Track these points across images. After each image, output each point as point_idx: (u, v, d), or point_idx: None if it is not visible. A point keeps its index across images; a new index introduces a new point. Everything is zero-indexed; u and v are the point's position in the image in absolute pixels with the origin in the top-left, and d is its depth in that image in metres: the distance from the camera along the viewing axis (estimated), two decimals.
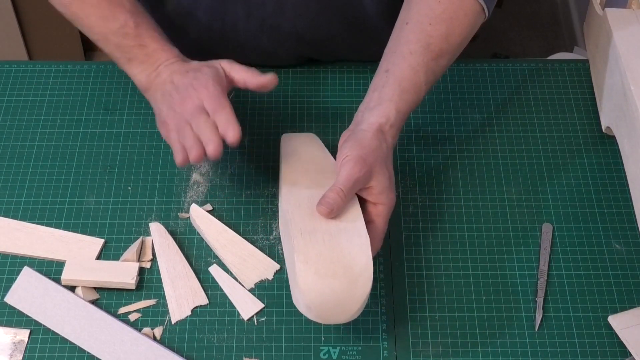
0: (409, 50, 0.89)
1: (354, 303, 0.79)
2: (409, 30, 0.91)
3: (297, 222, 0.82)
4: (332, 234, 0.81)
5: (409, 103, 0.89)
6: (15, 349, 0.86)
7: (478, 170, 1.01)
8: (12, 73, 1.10)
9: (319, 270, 0.78)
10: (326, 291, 0.78)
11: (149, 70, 0.92)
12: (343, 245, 0.80)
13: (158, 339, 0.87)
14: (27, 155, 1.02)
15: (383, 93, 0.88)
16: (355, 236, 0.81)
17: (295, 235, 0.81)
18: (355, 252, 0.80)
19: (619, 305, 0.89)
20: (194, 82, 0.88)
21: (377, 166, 0.84)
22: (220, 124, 0.84)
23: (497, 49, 2.30)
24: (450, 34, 0.91)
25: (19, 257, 0.93)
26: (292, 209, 0.83)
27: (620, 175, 1.00)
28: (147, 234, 0.95)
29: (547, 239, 0.94)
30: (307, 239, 0.80)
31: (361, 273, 0.79)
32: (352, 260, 0.79)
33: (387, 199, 0.84)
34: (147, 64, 0.92)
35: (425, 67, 0.89)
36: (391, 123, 0.87)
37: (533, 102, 1.07)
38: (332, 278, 0.78)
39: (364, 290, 0.79)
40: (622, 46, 0.99)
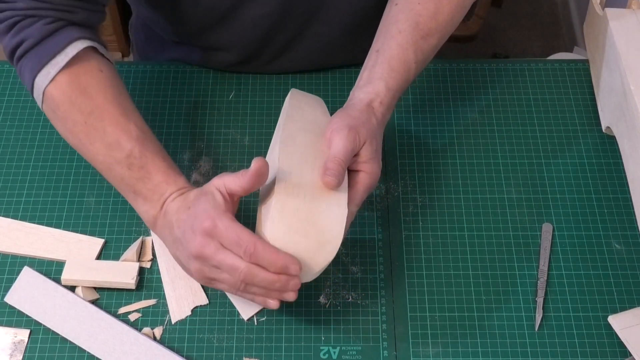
0: (398, 30, 0.90)
1: (312, 267, 0.79)
2: (398, 10, 0.92)
3: (285, 172, 0.81)
4: (315, 195, 0.81)
5: (398, 81, 0.89)
6: (15, 349, 0.86)
7: (478, 170, 1.01)
8: (12, 73, 1.10)
9: (292, 224, 0.78)
10: (290, 247, 0.78)
11: (155, 208, 0.85)
12: (321, 209, 0.80)
13: (158, 339, 0.87)
14: (27, 155, 1.02)
15: (373, 72, 0.89)
16: (335, 205, 0.81)
17: (279, 182, 0.80)
18: (330, 220, 0.80)
19: (619, 305, 0.89)
20: (197, 224, 0.79)
21: (366, 136, 0.84)
22: (271, 263, 0.76)
23: (497, 49, 2.30)
24: (439, 13, 0.92)
25: (19, 257, 0.93)
26: (284, 158, 0.83)
27: (620, 175, 1.00)
28: (147, 234, 0.95)
29: (547, 239, 0.94)
30: (290, 191, 0.80)
31: (330, 241, 0.79)
32: (325, 226, 0.79)
33: (370, 167, 0.84)
34: (152, 201, 0.85)
35: (414, 46, 0.90)
36: (380, 99, 0.88)
37: (533, 102, 1.07)
38: (302, 237, 0.78)
39: (326, 258, 0.79)
40: (622, 46, 0.99)
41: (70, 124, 0.87)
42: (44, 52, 0.86)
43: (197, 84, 1.09)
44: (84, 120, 0.86)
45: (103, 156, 0.86)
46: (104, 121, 0.86)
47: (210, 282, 0.81)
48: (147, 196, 0.85)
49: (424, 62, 0.93)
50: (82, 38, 0.87)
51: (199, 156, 1.02)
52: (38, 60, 0.86)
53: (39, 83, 0.86)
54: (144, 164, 0.85)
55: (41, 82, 0.86)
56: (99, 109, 0.86)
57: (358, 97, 0.88)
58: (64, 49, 0.86)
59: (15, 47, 0.87)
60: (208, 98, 1.07)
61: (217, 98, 1.07)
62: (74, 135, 0.87)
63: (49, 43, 0.86)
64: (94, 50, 0.89)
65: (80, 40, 0.87)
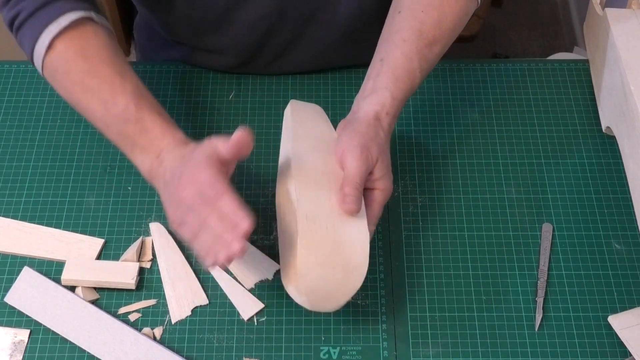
0: (402, 38, 0.90)
1: (343, 295, 0.80)
2: (401, 18, 0.91)
3: (303, 205, 0.81)
4: (335, 223, 0.81)
5: (403, 90, 0.89)
6: (15, 349, 0.86)
7: (478, 170, 1.01)
8: (12, 73, 1.10)
9: (319, 258, 0.79)
10: (321, 280, 0.79)
11: (151, 158, 0.87)
12: (344, 237, 0.80)
13: (158, 339, 0.87)
14: (27, 155, 1.02)
15: (378, 81, 0.88)
16: (356, 231, 0.81)
17: (300, 218, 0.80)
18: (354, 247, 0.80)
19: (619, 305, 0.89)
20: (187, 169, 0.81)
21: (378, 153, 0.84)
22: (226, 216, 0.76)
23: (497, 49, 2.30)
24: (443, 20, 0.91)
25: (19, 257, 0.93)
26: (300, 189, 0.82)
27: (620, 175, 1.00)
28: (147, 234, 0.95)
29: (547, 239, 0.94)
30: (312, 224, 0.80)
31: (356, 268, 0.80)
32: (350, 254, 0.80)
33: (384, 184, 0.85)
34: (149, 152, 0.87)
35: (418, 55, 0.90)
36: (387, 110, 0.87)
37: (533, 102, 1.07)
38: (330, 268, 0.79)
39: (355, 285, 0.80)
40: (622, 46, 0.99)
41: (68, 84, 0.90)
42: (38, 22, 0.89)
43: (198, 84, 1.09)
44: (80, 80, 0.89)
45: (100, 113, 0.88)
46: (99, 79, 0.88)
47: (179, 226, 0.81)
48: (145, 147, 0.87)
49: (428, 70, 0.92)
50: (74, 9, 0.89)
51: None
52: (33, 31, 0.89)
53: (38, 51, 0.89)
54: (140, 118, 0.87)
55: (39, 51, 0.89)
56: (95, 69, 0.88)
57: (363, 108, 0.87)
58: (57, 19, 0.88)
59: (13, 19, 0.91)
60: (208, 98, 1.07)
61: (217, 98, 1.07)
62: (72, 95, 0.90)
63: (42, 13, 0.89)
64: (89, 19, 0.91)
65: (73, 11, 0.89)
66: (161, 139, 0.87)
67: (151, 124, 0.87)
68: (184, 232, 0.81)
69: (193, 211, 0.78)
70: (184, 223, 0.80)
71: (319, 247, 0.79)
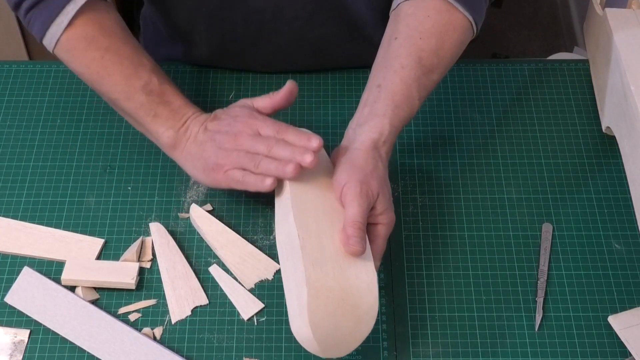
0: (401, 65, 0.88)
1: (355, 341, 0.79)
2: (398, 45, 0.90)
3: (308, 252, 0.79)
4: (342, 267, 0.79)
5: (401, 118, 0.87)
6: (15, 349, 0.86)
7: (478, 170, 1.01)
8: (12, 73, 1.10)
9: (328, 306, 0.77)
10: (332, 329, 0.77)
11: (176, 126, 0.91)
12: (352, 282, 0.78)
13: (158, 339, 0.87)
14: (27, 155, 1.02)
15: (375, 108, 0.86)
16: (364, 273, 0.79)
17: (307, 266, 0.78)
18: (363, 291, 0.78)
19: (619, 305, 0.89)
20: (238, 118, 0.89)
21: (378, 187, 0.83)
22: (296, 137, 0.85)
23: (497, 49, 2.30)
24: (441, 49, 0.90)
25: (19, 257, 0.93)
26: (303, 235, 0.80)
27: (620, 175, 1.00)
28: (147, 234, 0.95)
29: (547, 239, 0.94)
30: (319, 272, 0.78)
31: (367, 312, 0.78)
32: (359, 299, 0.78)
33: (387, 219, 0.83)
34: (174, 120, 0.91)
35: (417, 82, 0.88)
36: (384, 139, 0.85)
37: (533, 102, 1.07)
38: (341, 317, 0.77)
39: (367, 329, 0.79)
40: (622, 46, 0.99)
41: (87, 60, 0.93)
42: (54, 4, 0.91)
43: (197, 84, 1.09)
44: (101, 56, 0.92)
45: (122, 86, 0.92)
46: (120, 56, 0.92)
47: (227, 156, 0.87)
48: (169, 116, 0.91)
49: (425, 98, 0.90)
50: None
51: None
52: (48, 13, 0.91)
53: (53, 32, 0.92)
54: (163, 91, 0.92)
55: (55, 32, 0.92)
56: (114, 46, 0.92)
57: (360, 137, 0.85)
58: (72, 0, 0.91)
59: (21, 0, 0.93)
60: (208, 98, 1.07)
61: (217, 98, 1.07)
62: (91, 70, 0.93)
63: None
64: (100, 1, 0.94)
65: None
66: (185, 109, 0.92)
67: (173, 97, 0.92)
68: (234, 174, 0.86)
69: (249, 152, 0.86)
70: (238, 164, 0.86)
71: (327, 295, 0.77)
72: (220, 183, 0.88)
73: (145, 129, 0.94)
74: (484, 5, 0.95)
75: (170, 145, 0.92)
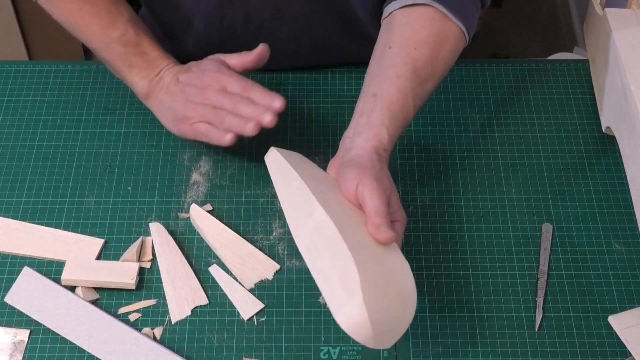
0: (397, 74, 0.88)
1: (402, 327, 0.76)
2: (393, 54, 0.89)
3: (347, 236, 0.76)
4: (378, 255, 0.77)
5: (397, 128, 0.87)
6: (15, 349, 0.86)
7: (478, 170, 1.01)
8: (12, 73, 1.10)
9: (378, 288, 0.74)
10: (383, 311, 0.73)
11: (150, 76, 0.95)
12: (391, 268, 0.77)
13: (158, 339, 0.87)
14: (27, 155, 1.02)
15: (372, 117, 0.86)
16: (399, 260, 0.78)
17: (352, 249, 0.75)
18: (403, 275, 0.77)
19: (619, 305, 0.89)
20: (207, 72, 0.91)
21: (389, 184, 0.82)
22: (260, 96, 0.88)
23: (497, 49, 2.30)
24: (435, 59, 0.90)
25: (19, 257, 0.93)
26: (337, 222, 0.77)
27: (620, 175, 1.00)
28: (147, 234, 0.95)
29: (547, 239, 0.94)
30: (363, 254, 0.76)
31: (410, 297, 0.76)
32: (402, 283, 0.76)
33: (401, 215, 0.83)
34: (149, 70, 0.95)
35: (413, 92, 0.88)
36: (384, 147, 0.85)
37: (533, 102, 1.07)
38: (390, 299, 0.74)
39: (410, 314, 0.76)
40: (622, 46, 0.99)
41: (66, 10, 0.96)
42: None
43: None
44: (79, 7, 0.95)
45: (100, 36, 0.95)
46: (98, 6, 0.95)
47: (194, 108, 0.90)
48: (143, 67, 0.95)
49: (419, 108, 0.91)
50: None
51: (199, 156, 1.02)
52: None
53: None
54: (139, 42, 0.95)
55: None
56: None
57: (360, 145, 0.84)
58: None
59: None
60: None
61: None
62: (70, 20, 0.97)
63: None
64: None
65: None
66: (160, 60, 0.95)
67: (149, 47, 0.95)
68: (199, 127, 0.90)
69: (215, 107, 0.89)
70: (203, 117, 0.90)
71: (375, 277, 0.74)
72: (187, 134, 0.92)
73: (122, 78, 0.98)
74: (475, 15, 0.95)
75: (144, 94, 0.96)
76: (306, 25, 1.04)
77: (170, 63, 0.96)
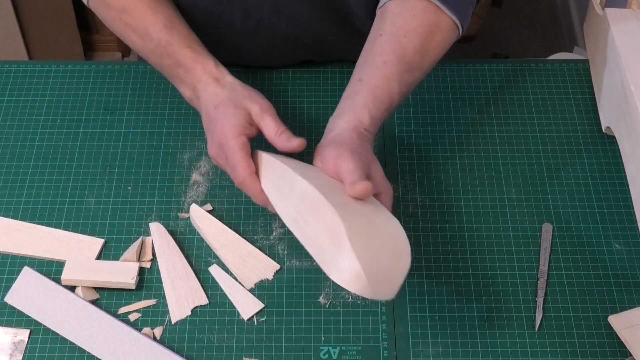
0: (384, 61, 0.89)
1: (398, 277, 0.76)
2: (383, 42, 0.90)
3: (329, 197, 0.78)
4: (364, 211, 0.78)
5: (381, 111, 0.88)
6: (15, 349, 0.86)
7: (478, 170, 1.01)
8: (12, 73, 1.10)
9: (367, 242, 0.75)
10: (374, 259, 0.74)
11: (189, 90, 0.94)
12: (379, 221, 0.78)
13: (158, 339, 0.87)
14: (27, 155, 1.02)
15: (355, 100, 0.87)
16: (389, 218, 0.79)
17: (336, 205, 0.76)
18: (391, 228, 0.78)
19: (619, 305, 0.89)
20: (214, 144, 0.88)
21: (368, 156, 0.83)
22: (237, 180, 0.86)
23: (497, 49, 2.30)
24: (425, 48, 0.90)
25: (19, 257, 0.93)
26: (317, 186, 0.79)
27: (620, 175, 1.00)
28: (147, 234, 0.95)
29: (547, 239, 0.94)
30: (348, 211, 0.77)
31: (402, 248, 0.77)
32: (391, 235, 0.77)
33: (387, 187, 0.83)
34: (187, 84, 0.93)
35: (399, 78, 0.89)
36: (365, 127, 0.86)
37: (533, 102, 1.07)
38: (380, 247, 0.76)
39: (405, 265, 0.77)
40: (622, 46, 0.99)
41: (110, 21, 0.97)
42: None
43: None
44: (119, 17, 0.95)
45: (140, 47, 0.96)
46: (134, 16, 0.94)
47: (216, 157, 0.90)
48: (183, 79, 0.94)
49: (406, 94, 0.91)
50: None
51: (199, 156, 1.02)
52: None
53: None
54: (172, 53, 0.93)
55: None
56: (130, 5, 0.94)
57: (340, 126, 0.85)
58: None
59: None
60: None
61: None
62: (115, 29, 0.97)
63: None
64: None
65: None
66: (194, 72, 0.92)
67: (182, 57, 0.93)
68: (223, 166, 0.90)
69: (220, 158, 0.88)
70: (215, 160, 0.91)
71: (362, 231, 0.76)
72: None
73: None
74: (469, 8, 0.95)
75: (190, 103, 0.95)
76: (304, 23, 1.04)
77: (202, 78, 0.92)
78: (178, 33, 0.94)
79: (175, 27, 0.94)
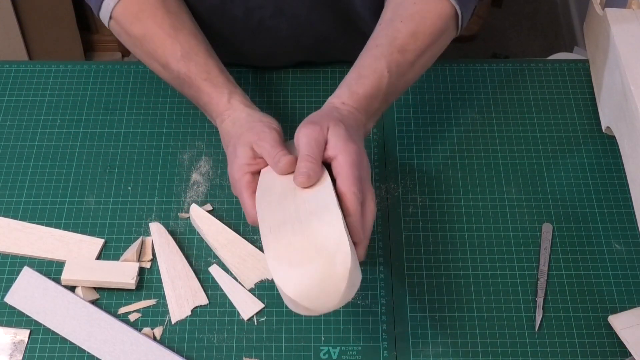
0: (375, 44, 0.91)
1: (337, 283, 0.72)
2: (380, 29, 0.93)
3: (265, 221, 0.78)
4: (302, 219, 0.77)
5: (366, 87, 0.87)
6: (15, 349, 0.86)
7: (478, 170, 1.01)
8: (12, 73, 1.10)
9: (292, 260, 0.74)
10: (304, 280, 0.73)
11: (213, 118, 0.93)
12: (314, 227, 0.76)
13: (158, 339, 0.87)
14: (27, 155, 1.02)
15: (341, 82, 0.89)
16: (326, 213, 0.76)
17: (264, 234, 0.77)
18: (326, 230, 0.75)
19: (619, 305, 0.89)
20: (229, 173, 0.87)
21: (328, 122, 0.82)
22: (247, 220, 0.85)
23: (497, 49, 2.30)
24: (419, 32, 0.91)
25: (19, 257, 0.93)
26: (262, 211, 0.80)
27: (620, 175, 1.00)
28: (147, 234, 0.95)
29: (547, 239, 0.94)
30: (276, 233, 0.77)
31: (337, 249, 0.73)
32: (324, 239, 0.74)
33: (344, 146, 0.80)
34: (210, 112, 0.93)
35: (388, 57, 0.89)
36: (342, 100, 0.87)
37: (533, 102, 1.07)
38: (307, 264, 0.73)
39: (344, 266, 0.72)
40: (622, 46, 0.99)
41: (131, 47, 0.97)
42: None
43: None
44: (140, 44, 0.95)
45: (163, 74, 0.96)
46: (154, 44, 0.94)
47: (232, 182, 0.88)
48: (205, 110, 0.94)
49: (401, 75, 0.90)
50: None
51: (199, 156, 1.02)
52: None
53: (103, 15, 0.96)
54: (191, 85, 0.92)
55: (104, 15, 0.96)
56: (149, 33, 0.93)
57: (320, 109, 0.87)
58: None
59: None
60: None
61: None
62: (137, 56, 0.98)
63: None
64: None
65: None
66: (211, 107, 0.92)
67: (200, 91, 0.92)
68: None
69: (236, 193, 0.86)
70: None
71: (288, 250, 0.75)
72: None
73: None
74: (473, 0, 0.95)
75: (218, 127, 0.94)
76: (306, 22, 1.04)
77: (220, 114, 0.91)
78: (195, 65, 0.92)
79: (192, 57, 0.92)
